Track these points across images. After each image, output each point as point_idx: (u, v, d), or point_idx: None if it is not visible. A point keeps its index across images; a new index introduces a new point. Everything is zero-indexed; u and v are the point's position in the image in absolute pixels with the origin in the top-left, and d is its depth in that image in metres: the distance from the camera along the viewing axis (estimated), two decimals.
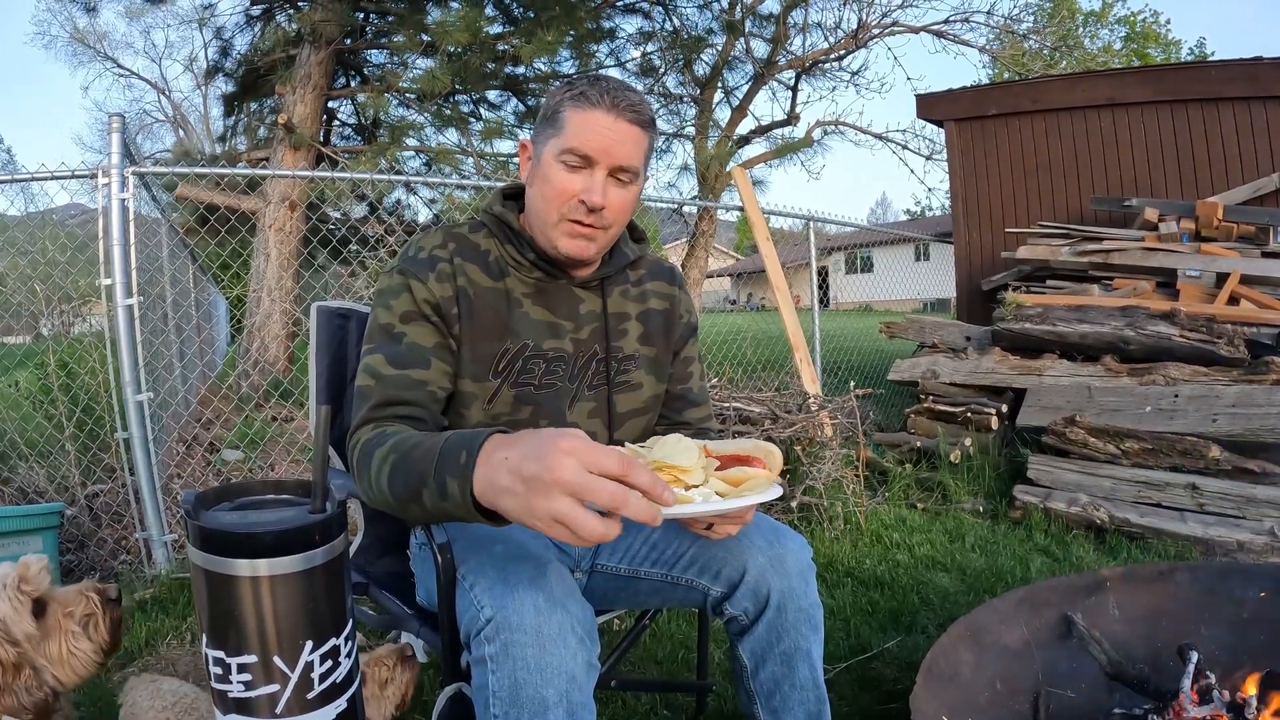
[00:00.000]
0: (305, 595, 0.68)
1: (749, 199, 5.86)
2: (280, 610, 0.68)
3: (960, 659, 1.93)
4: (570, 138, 1.55)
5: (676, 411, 1.88)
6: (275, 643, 0.68)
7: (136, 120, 27.65)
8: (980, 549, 3.95)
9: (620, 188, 1.60)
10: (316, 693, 0.70)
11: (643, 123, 1.59)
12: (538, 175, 1.62)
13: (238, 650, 0.67)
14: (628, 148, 1.57)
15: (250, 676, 0.67)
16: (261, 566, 0.67)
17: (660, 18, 11.83)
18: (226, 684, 0.68)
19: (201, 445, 5.72)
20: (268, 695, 0.68)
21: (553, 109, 1.59)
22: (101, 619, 1.60)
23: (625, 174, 1.59)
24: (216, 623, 0.68)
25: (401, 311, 1.60)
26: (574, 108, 1.55)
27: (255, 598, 0.67)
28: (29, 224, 6.89)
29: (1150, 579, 2.29)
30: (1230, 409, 4.37)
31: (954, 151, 8.39)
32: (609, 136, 1.54)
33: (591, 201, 1.55)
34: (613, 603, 1.86)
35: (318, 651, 0.70)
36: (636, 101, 1.57)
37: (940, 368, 5.77)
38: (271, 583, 0.68)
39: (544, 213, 1.60)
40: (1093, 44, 22.25)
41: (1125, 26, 27.95)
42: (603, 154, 1.55)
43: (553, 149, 1.58)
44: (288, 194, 8.45)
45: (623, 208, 1.62)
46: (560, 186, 1.57)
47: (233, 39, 11.08)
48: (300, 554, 0.68)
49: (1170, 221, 6.38)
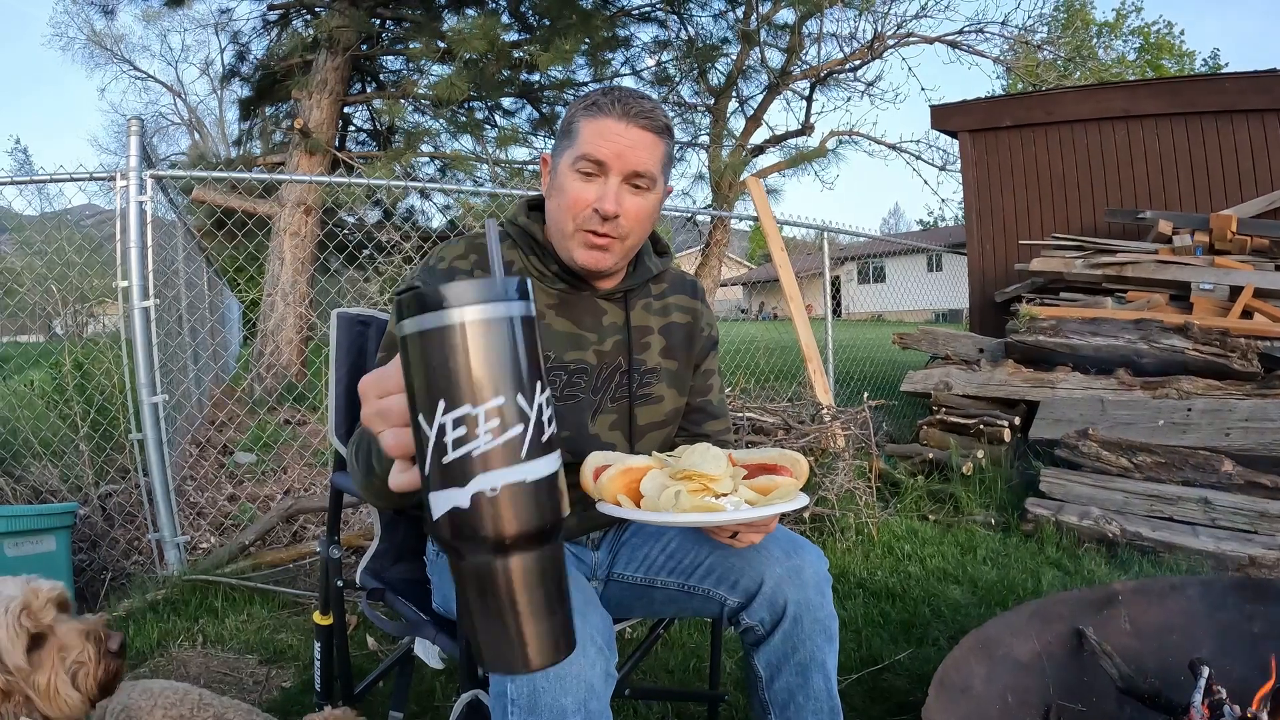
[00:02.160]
0: (529, 340, 0.71)
1: (763, 208, 5.87)
2: (521, 350, 0.70)
3: (972, 671, 1.94)
4: (582, 145, 1.55)
5: (696, 424, 1.89)
6: (518, 383, 0.70)
7: (153, 123, 27.74)
8: (992, 561, 3.95)
9: (636, 195, 1.59)
10: (547, 436, 0.72)
11: (656, 128, 1.58)
12: (554, 187, 1.62)
13: (483, 398, 0.68)
14: (640, 153, 1.56)
15: (499, 420, 0.68)
16: (502, 308, 0.70)
17: (675, 26, 11.86)
18: (471, 443, 0.69)
19: (215, 448, 5.74)
20: (516, 437, 0.69)
21: (568, 121, 1.60)
22: (94, 669, 1.55)
23: (641, 180, 1.58)
24: (455, 381, 0.69)
25: None
26: (586, 117, 1.56)
27: (503, 338, 0.69)
28: (45, 224, 6.94)
29: (1162, 593, 2.29)
30: (1243, 423, 4.36)
31: (968, 163, 8.38)
32: (620, 142, 1.55)
33: (604, 209, 1.55)
34: (628, 611, 1.87)
35: (544, 394, 0.72)
36: (649, 108, 1.57)
37: (953, 379, 5.77)
38: (511, 324, 0.70)
39: (560, 223, 1.61)
40: (1107, 55, 22.25)
41: (1139, 38, 27.90)
42: (615, 159, 1.55)
43: (567, 159, 1.58)
44: (303, 199, 8.48)
45: (640, 216, 1.61)
46: (574, 195, 1.57)
47: (249, 44, 11.17)
48: (520, 300, 0.71)
49: (1184, 234, 6.37)
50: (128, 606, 3.42)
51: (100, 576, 3.76)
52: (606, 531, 1.85)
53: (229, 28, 11.38)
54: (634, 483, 1.37)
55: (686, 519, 1.27)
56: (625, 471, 1.37)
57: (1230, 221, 6.15)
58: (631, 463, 1.38)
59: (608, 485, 1.36)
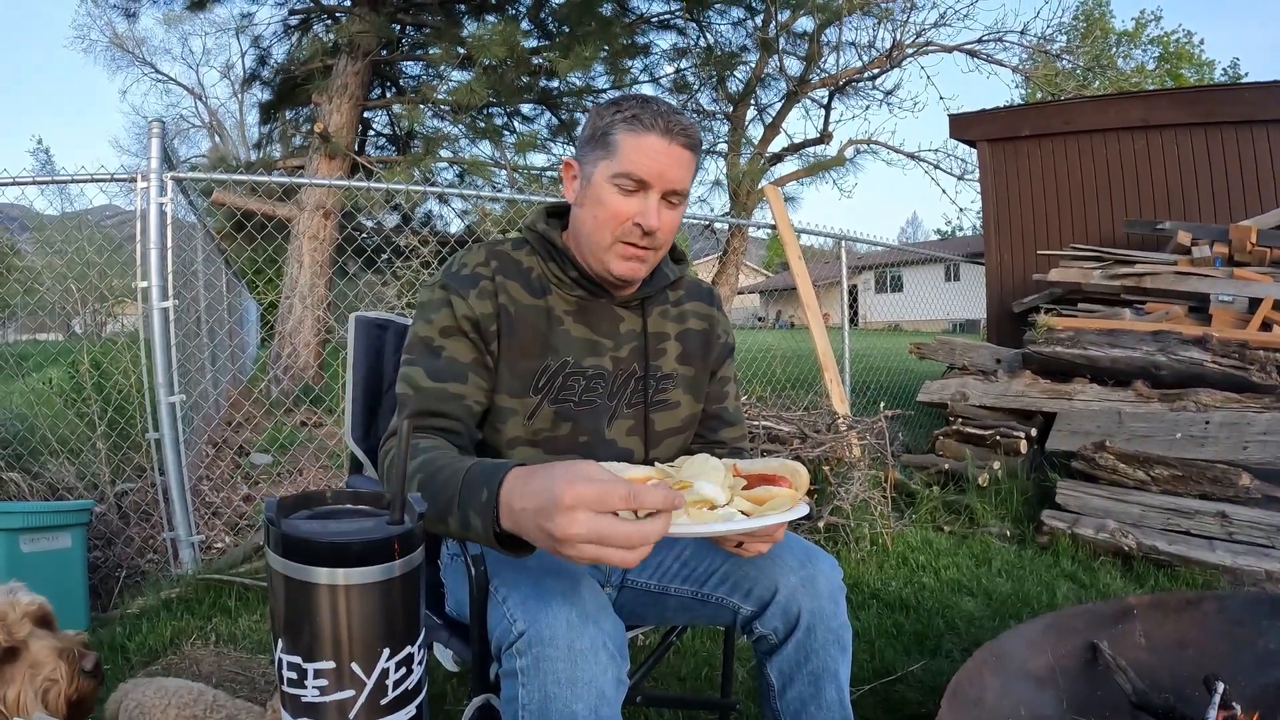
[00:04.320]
0: (384, 604, 0.71)
1: (781, 216, 5.87)
2: (359, 618, 0.70)
3: (985, 684, 1.93)
4: (624, 161, 1.56)
5: (712, 430, 1.89)
6: (353, 650, 0.70)
7: (173, 125, 28.01)
8: (1007, 574, 3.93)
9: (672, 210, 1.62)
10: (389, 699, 0.73)
11: (693, 146, 1.60)
12: (589, 197, 1.62)
13: (314, 656, 0.69)
14: (680, 171, 1.58)
15: (326, 682, 0.69)
16: (343, 576, 0.70)
17: (694, 34, 11.89)
18: (301, 689, 0.70)
19: (231, 448, 5.77)
20: (342, 700, 0.70)
21: (602, 130, 1.59)
22: (65, 689, 1.53)
23: (676, 196, 1.60)
24: (293, 628, 0.70)
25: (441, 326, 1.62)
26: (628, 131, 1.56)
27: (334, 606, 0.70)
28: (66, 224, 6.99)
29: (1177, 608, 2.28)
30: (1261, 436, 4.33)
31: (986, 172, 8.35)
32: (663, 160, 1.56)
33: (648, 225, 1.57)
34: (642, 618, 1.87)
35: (394, 659, 0.72)
36: (688, 125, 1.59)
37: (970, 390, 5.75)
38: (352, 592, 0.70)
39: (596, 235, 1.61)
40: (1126, 64, 22.16)
41: (1158, 47, 27.79)
42: (657, 178, 1.56)
43: (605, 171, 1.58)
44: (322, 202, 8.53)
45: (672, 229, 1.64)
46: (615, 209, 1.58)
47: (270, 48, 11.26)
48: (381, 565, 0.71)
49: (1203, 245, 6.33)
50: (142, 604, 3.45)
51: (115, 574, 3.79)
52: None
53: (250, 31, 11.47)
54: None
55: (679, 530, 1.27)
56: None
57: (1250, 233, 6.11)
58: (632, 474, 1.38)
59: None
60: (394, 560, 0.71)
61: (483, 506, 1.24)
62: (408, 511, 0.79)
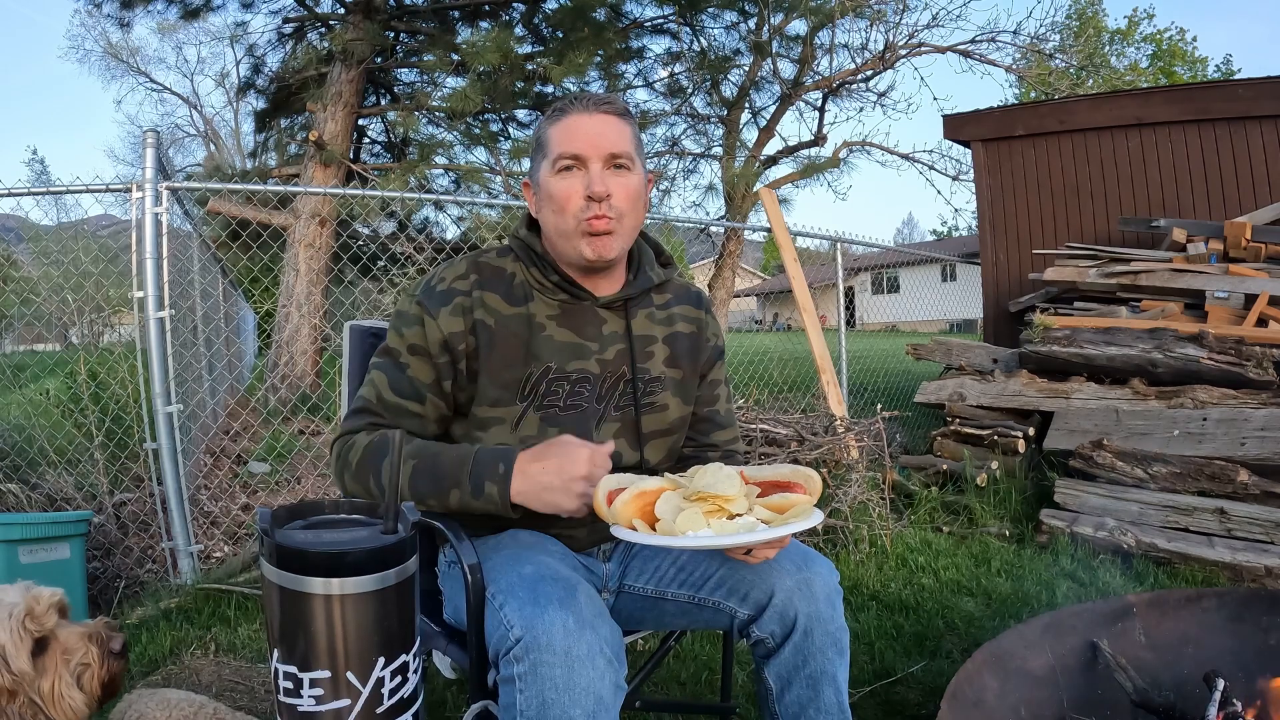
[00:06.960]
0: (379, 613, 0.70)
1: (776, 219, 5.87)
2: (354, 628, 0.70)
3: (985, 685, 1.93)
4: (556, 148, 1.65)
5: (703, 434, 1.91)
6: (348, 659, 0.70)
7: (168, 134, 28.06)
8: (1006, 573, 3.93)
9: (620, 175, 1.66)
10: (385, 708, 0.72)
11: (618, 111, 1.67)
12: (542, 198, 1.69)
13: (310, 665, 0.69)
14: (612, 135, 1.64)
15: (322, 691, 0.69)
16: (337, 585, 0.69)
17: (688, 38, 11.90)
18: (296, 698, 0.70)
19: (229, 457, 5.77)
20: (338, 709, 0.70)
21: (537, 138, 1.72)
22: (98, 670, 1.58)
23: (619, 159, 1.65)
24: (289, 638, 0.69)
25: (410, 343, 1.68)
26: (553, 124, 1.67)
27: (329, 615, 0.69)
28: (61, 234, 6.98)
29: (1177, 605, 2.28)
30: (1259, 432, 4.33)
31: (981, 172, 8.36)
32: (590, 130, 1.63)
33: (595, 191, 1.61)
34: (639, 624, 1.87)
35: (389, 668, 0.72)
36: (609, 97, 1.68)
37: (967, 390, 5.75)
38: (346, 601, 0.69)
39: (559, 226, 1.66)
40: (1119, 62, 22.22)
41: (1151, 45, 27.86)
42: (591, 148, 1.63)
43: (546, 168, 1.67)
44: (318, 210, 8.53)
45: (629, 194, 1.67)
46: (563, 192, 1.64)
47: (265, 56, 11.27)
48: (375, 574, 0.70)
49: (1198, 242, 6.33)
50: (141, 614, 3.44)
51: (114, 584, 3.78)
52: (617, 544, 1.85)
53: (244, 40, 11.49)
54: (648, 506, 1.38)
55: (702, 542, 1.28)
56: (639, 495, 1.38)
57: (1245, 229, 6.12)
58: (645, 485, 1.39)
59: (622, 510, 1.37)
60: (389, 569, 0.71)
61: (500, 477, 1.53)
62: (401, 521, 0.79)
